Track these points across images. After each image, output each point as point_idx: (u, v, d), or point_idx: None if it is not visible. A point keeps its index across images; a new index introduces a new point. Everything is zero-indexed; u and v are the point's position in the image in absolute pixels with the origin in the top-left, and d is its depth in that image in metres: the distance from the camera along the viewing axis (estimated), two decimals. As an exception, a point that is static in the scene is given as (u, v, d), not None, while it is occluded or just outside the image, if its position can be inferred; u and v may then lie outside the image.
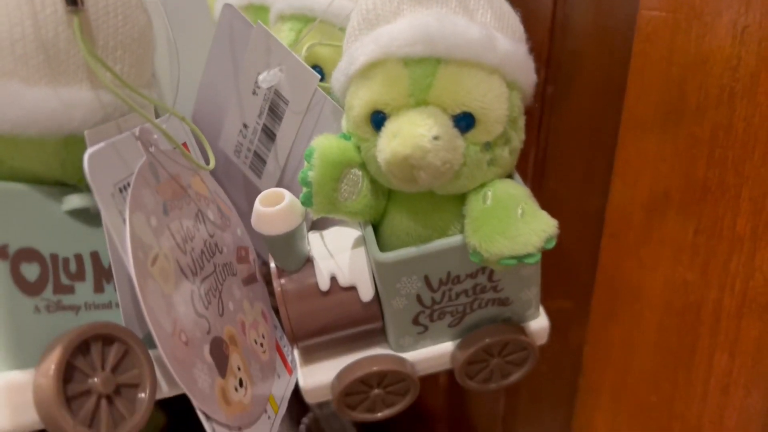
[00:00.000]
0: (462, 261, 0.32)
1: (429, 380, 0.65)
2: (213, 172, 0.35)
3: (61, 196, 0.28)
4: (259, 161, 0.39)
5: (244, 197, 0.41)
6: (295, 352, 0.36)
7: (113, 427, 0.25)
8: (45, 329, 0.25)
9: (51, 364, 0.24)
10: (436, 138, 0.28)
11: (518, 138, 0.32)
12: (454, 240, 0.32)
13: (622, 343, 0.42)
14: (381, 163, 0.29)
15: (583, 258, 0.46)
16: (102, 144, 0.24)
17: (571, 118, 0.46)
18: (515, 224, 0.29)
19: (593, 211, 0.44)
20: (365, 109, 0.30)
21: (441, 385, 0.65)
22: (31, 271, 0.25)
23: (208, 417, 0.25)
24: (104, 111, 0.27)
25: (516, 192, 0.31)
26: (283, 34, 0.39)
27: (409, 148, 0.28)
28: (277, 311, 0.35)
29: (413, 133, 0.28)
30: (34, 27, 0.25)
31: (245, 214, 0.37)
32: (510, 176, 0.33)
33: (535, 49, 0.34)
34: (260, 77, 0.36)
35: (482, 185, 0.31)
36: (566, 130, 0.47)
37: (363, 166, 0.32)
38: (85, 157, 0.23)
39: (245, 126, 0.39)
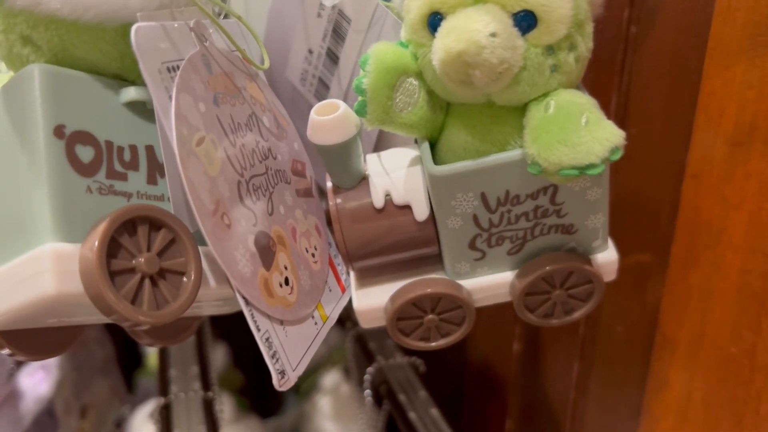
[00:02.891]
0: (522, 178, 0.31)
1: (501, 348, 0.63)
2: (281, 102, 0.35)
3: (118, 87, 0.28)
4: (323, 87, 0.39)
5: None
6: (351, 275, 0.35)
7: (155, 308, 0.25)
8: (96, 209, 0.26)
9: (96, 236, 0.24)
10: (493, 35, 0.27)
11: (585, 45, 0.30)
12: (513, 154, 0.30)
13: (701, 291, 0.39)
14: (436, 65, 0.28)
15: (664, 208, 0.43)
16: (152, 22, 0.25)
17: (655, 58, 0.43)
18: (578, 132, 0.28)
19: (675, 159, 0.42)
20: (422, 11, 0.29)
21: (514, 352, 0.63)
22: (85, 153, 0.26)
23: (247, 301, 0.25)
24: (161, 0, 0.27)
25: (581, 101, 0.29)
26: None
27: (463, 43, 0.27)
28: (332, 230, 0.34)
29: (469, 29, 0.27)
30: None
31: (310, 145, 0.37)
32: (576, 89, 0.31)
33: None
34: (324, -4, 0.35)
35: (545, 95, 0.30)
36: (649, 72, 0.44)
37: (420, 76, 0.31)
38: (133, 28, 0.24)
39: (310, 51, 0.38)
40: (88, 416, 0.69)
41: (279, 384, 0.25)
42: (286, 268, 0.28)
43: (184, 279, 0.26)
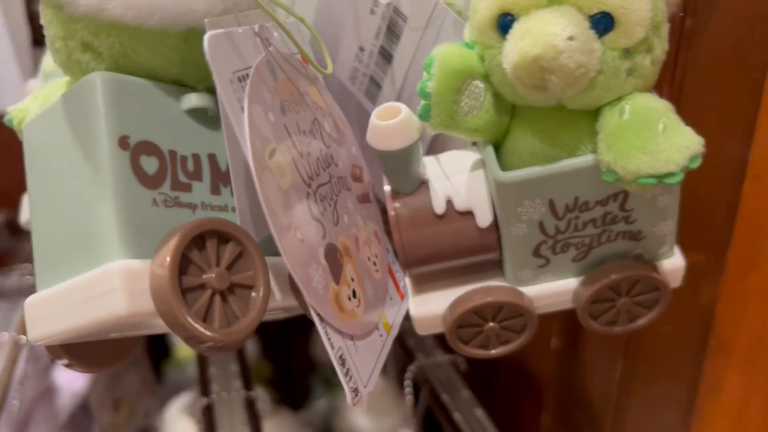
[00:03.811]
0: (592, 185, 0.30)
1: (539, 343, 0.62)
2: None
3: (179, 95, 0.27)
4: (374, 86, 0.38)
5: (357, 126, 0.40)
6: (407, 280, 0.34)
7: (226, 325, 0.24)
8: (162, 223, 0.25)
9: (168, 253, 0.23)
10: (570, 38, 0.26)
11: (661, 47, 0.29)
12: (584, 160, 0.29)
13: (761, 294, 0.38)
14: (508, 68, 0.27)
15: (720, 206, 0.42)
16: (223, 30, 0.24)
17: (711, 53, 0.42)
18: (656, 139, 0.27)
19: (733, 155, 0.40)
20: (492, 12, 0.28)
21: (552, 348, 0.62)
22: (150, 164, 0.25)
23: (321, 318, 0.24)
24: (225, 4, 0.26)
25: (657, 105, 0.28)
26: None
27: (540, 48, 0.26)
28: (389, 235, 0.34)
29: (545, 32, 0.26)
30: None
31: (366, 147, 0.36)
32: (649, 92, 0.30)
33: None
34: (380, -7, 0.34)
35: (619, 98, 0.29)
36: (705, 66, 0.43)
37: (486, 77, 0.30)
38: (206, 37, 0.23)
39: (361, 49, 0.37)
40: (121, 409, 0.69)
41: (353, 402, 0.25)
42: (352, 280, 0.27)
43: (253, 293, 0.25)
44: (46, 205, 0.27)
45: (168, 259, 0.23)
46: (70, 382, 0.62)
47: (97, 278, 0.24)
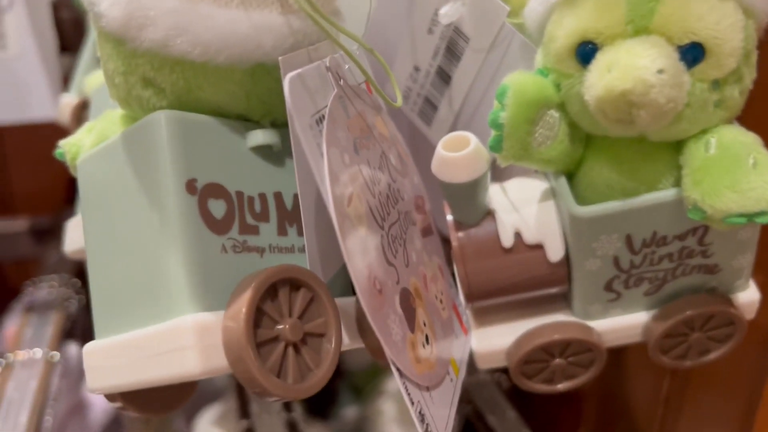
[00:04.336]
0: (673, 219, 0.28)
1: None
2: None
3: (244, 131, 0.26)
4: (429, 107, 0.36)
5: (410, 147, 0.38)
6: (468, 313, 0.33)
7: (300, 379, 0.23)
8: (232, 270, 0.24)
9: (242, 306, 0.22)
10: (660, 71, 0.24)
11: (750, 76, 0.27)
12: (666, 194, 0.28)
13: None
14: (590, 101, 0.26)
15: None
16: (300, 70, 0.22)
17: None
18: (747, 176, 0.25)
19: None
20: (572, 39, 0.27)
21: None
22: (218, 207, 0.24)
23: (401, 373, 0.23)
24: (294, 38, 0.24)
25: (746, 139, 0.26)
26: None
27: (629, 83, 0.24)
28: (450, 266, 0.32)
29: (634, 65, 0.24)
30: (229, -59, 0.23)
31: (425, 175, 0.34)
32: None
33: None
34: (441, 12, 0.33)
35: (704, 131, 0.27)
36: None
37: (561, 107, 0.28)
38: (286, 81, 0.21)
39: (416, 69, 0.36)
40: (151, 423, 0.68)
41: (435, 460, 0.23)
42: (425, 324, 0.26)
43: (326, 343, 0.24)
44: (105, 249, 0.26)
45: (243, 312, 0.22)
46: (102, 397, 0.61)
47: (167, 334, 0.22)
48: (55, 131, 0.49)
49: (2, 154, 0.85)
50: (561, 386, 0.33)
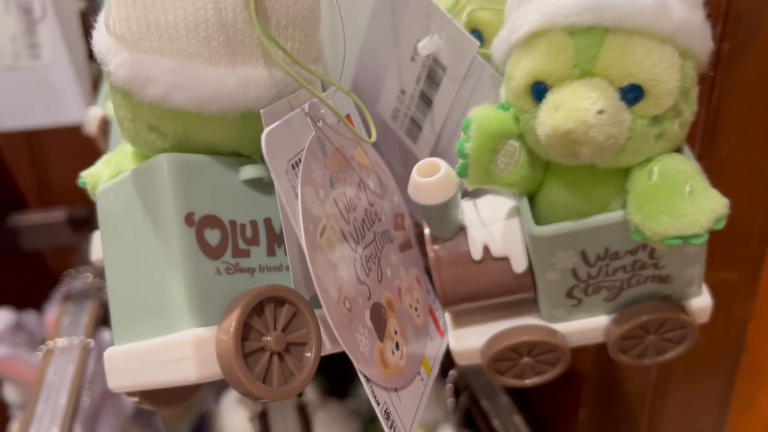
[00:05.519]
0: (622, 237, 0.31)
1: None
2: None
3: (237, 166, 0.30)
4: (415, 127, 0.40)
5: (399, 161, 0.42)
6: (446, 316, 0.37)
7: (284, 383, 0.27)
8: (225, 290, 0.28)
9: (231, 322, 0.26)
10: (600, 112, 0.27)
11: (690, 110, 0.30)
12: (614, 216, 0.31)
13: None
14: (541, 137, 0.29)
15: (756, 226, 0.43)
16: (277, 123, 0.26)
17: (750, 76, 0.42)
18: (682, 203, 0.28)
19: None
20: (526, 80, 0.30)
21: (590, 347, 0.64)
22: (213, 236, 0.28)
23: (367, 379, 0.27)
24: (277, 88, 0.28)
25: (685, 168, 0.29)
26: (443, -2, 0.39)
27: (571, 123, 0.27)
28: (429, 274, 0.36)
29: (577, 107, 0.27)
30: (216, 10, 0.26)
31: (400, 176, 0.38)
32: (679, 149, 0.31)
33: (711, 3, 0.31)
34: (419, 44, 0.36)
35: (648, 160, 0.30)
36: (743, 90, 0.43)
37: (521, 136, 0.32)
38: (263, 137, 0.25)
39: (402, 92, 0.39)
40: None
41: (398, 451, 0.27)
42: (395, 332, 0.30)
43: (307, 353, 0.28)
44: (120, 268, 0.30)
45: (232, 328, 0.26)
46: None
47: (170, 345, 0.27)
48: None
49: (41, 149, 0.91)
50: (529, 381, 0.37)
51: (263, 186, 0.30)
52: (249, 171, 0.29)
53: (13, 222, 0.92)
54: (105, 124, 0.51)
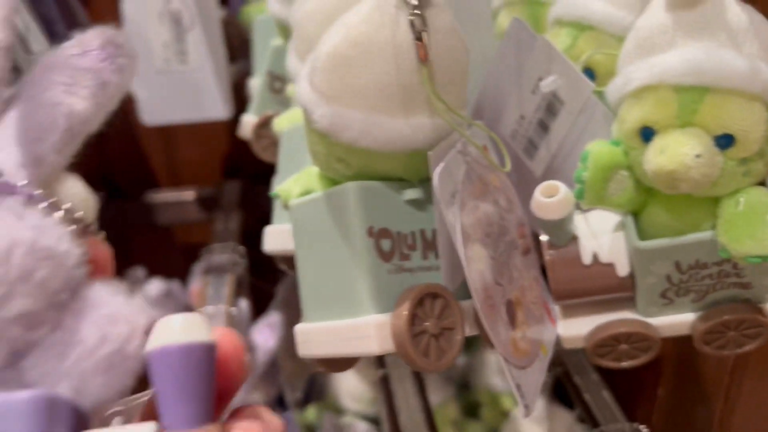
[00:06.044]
0: (710, 252, 0.38)
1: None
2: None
3: (401, 189, 0.38)
4: (531, 147, 0.47)
5: (514, 173, 0.50)
6: (557, 308, 0.44)
7: (439, 358, 0.36)
8: (395, 285, 0.36)
9: (403, 311, 0.35)
10: (698, 156, 0.34)
11: (773, 152, 0.36)
12: (705, 235, 0.38)
13: None
14: (647, 172, 0.36)
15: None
16: (443, 164, 0.34)
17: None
18: (763, 229, 0.35)
19: None
20: (636, 125, 0.37)
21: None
22: (386, 244, 0.37)
23: (506, 360, 0.35)
24: (437, 132, 0.36)
25: (766, 200, 0.36)
26: (560, 39, 0.46)
27: (674, 165, 0.34)
28: (544, 275, 0.44)
29: (678, 152, 0.34)
30: (397, 76, 0.34)
31: (514, 184, 0.45)
32: (762, 183, 0.38)
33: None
34: (542, 83, 0.43)
35: (736, 191, 0.37)
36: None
37: (629, 167, 0.39)
38: (435, 175, 0.33)
39: (522, 117, 0.47)
40: (303, 363, 0.84)
41: (525, 414, 0.36)
42: (522, 323, 0.38)
43: (454, 334, 0.37)
44: (311, 265, 0.39)
45: (404, 315, 0.35)
46: (264, 342, 0.77)
47: (357, 326, 0.36)
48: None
49: (172, 135, 1.02)
50: (624, 364, 0.44)
51: (419, 204, 0.38)
52: (410, 193, 0.38)
53: (148, 199, 1.03)
54: (259, 129, 0.60)
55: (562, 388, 0.67)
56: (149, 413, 0.24)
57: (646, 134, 0.37)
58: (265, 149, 0.61)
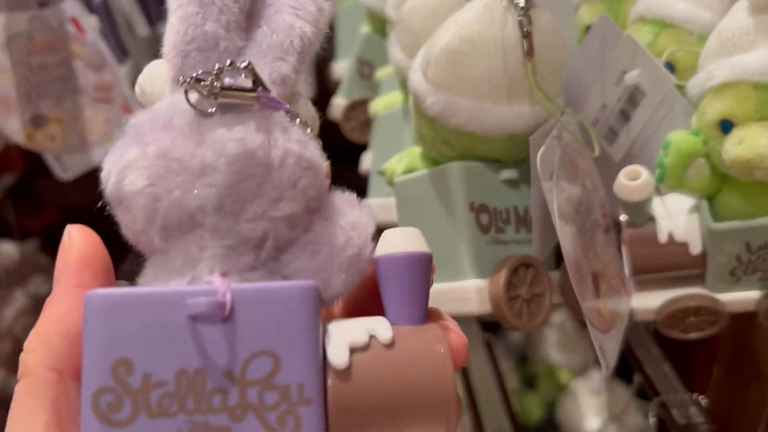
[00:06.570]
0: (779, 233, 0.42)
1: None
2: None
3: (498, 169, 0.43)
4: (612, 134, 0.51)
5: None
6: (632, 283, 0.49)
7: (530, 320, 0.41)
8: (492, 255, 0.41)
9: (501, 278, 0.40)
10: (773, 146, 0.38)
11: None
12: (774, 218, 0.42)
13: None
14: (725, 161, 0.40)
15: None
16: (543, 148, 0.39)
17: None
18: None
19: None
20: (716, 117, 0.41)
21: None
22: (484, 218, 0.41)
23: (592, 324, 0.39)
24: (535, 118, 0.41)
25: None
26: (642, 35, 0.49)
27: (751, 154, 0.38)
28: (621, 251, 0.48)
29: (756, 143, 0.38)
30: (504, 68, 0.39)
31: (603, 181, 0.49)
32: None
33: None
34: (627, 76, 0.47)
35: (804, 178, 0.40)
36: None
37: (707, 155, 0.43)
38: (538, 158, 0.38)
39: (604, 106, 0.51)
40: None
41: (605, 373, 0.40)
42: (605, 294, 0.42)
43: (544, 300, 0.41)
44: (415, 234, 0.44)
45: (501, 281, 0.40)
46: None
47: (460, 289, 0.40)
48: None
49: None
50: (692, 335, 0.48)
51: (514, 183, 0.43)
52: (507, 173, 0.42)
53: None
54: (348, 112, 0.66)
55: (620, 364, 0.71)
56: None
57: (726, 126, 0.40)
58: (353, 130, 0.66)
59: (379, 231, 0.28)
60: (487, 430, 0.63)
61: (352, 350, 0.24)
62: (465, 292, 0.40)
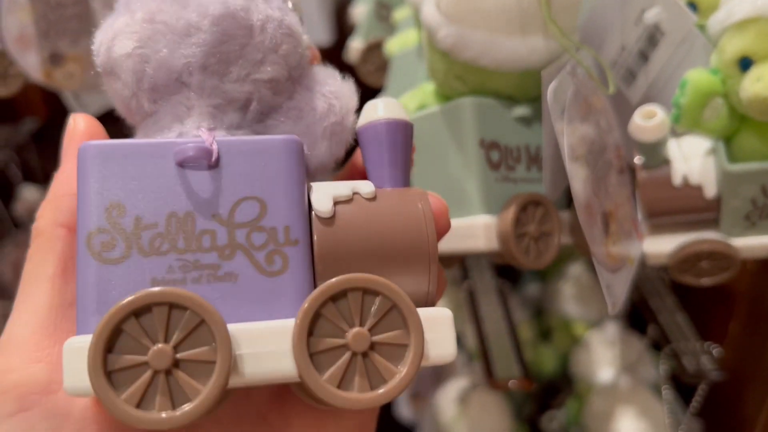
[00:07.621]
0: (796, 176, 0.41)
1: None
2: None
3: (510, 106, 0.42)
4: (630, 75, 0.50)
5: (612, 99, 0.53)
6: (644, 226, 0.48)
7: (537, 258, 0.40)
8: (501, 192, 0.41)
9: (509, 215, 0.39)
10: (793, 84, 0.37)
11: None
12: (790, 160, 0.41)
13: None
14: (743, 99, 0.39)
15: None
16: (555, 82, 0.38)
17: None
18: None
19: None
20: (736, 55, 0.40)
21: (748, 268, 0.72)
22: (494, 155, 0.41)
23: (598, 261, 0.39)
24: (550, 53, 0.40)
25: None
26: (665, -28, 0.48)
27: (769, 92, 0.37)
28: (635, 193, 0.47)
29: (775, 80, 0.37)
30: (518, 1, 0.38)
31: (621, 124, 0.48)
32: None
33: None
34: (646, 14, 0.46)
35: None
36: None
37: (725, 95, 0.42)
38: (549, 91, 0.37)
39: (623, 48, 0.49)
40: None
41: (612, 310, 0.40)
42: (614, 234, 0.42)
43: (552, 239, 0.41)
44: (425, 170, 0.44)
45: (510, 217, 0.39)
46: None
47: (467, 225, 0.40)
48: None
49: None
50: (704, 281, 0.48)
51: (526, 121, 0.43)
52: (520, 110, 0.42)
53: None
54: (365, 54, 0.65)
55: (635, 316, 0.71)
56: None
57: (745, 64, 0.39)
58: (370, 73, 0.65)
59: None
60: (498, 377, 0.64)
61: (336, 202, 0.25)
62: (473, 228, 0.40)
